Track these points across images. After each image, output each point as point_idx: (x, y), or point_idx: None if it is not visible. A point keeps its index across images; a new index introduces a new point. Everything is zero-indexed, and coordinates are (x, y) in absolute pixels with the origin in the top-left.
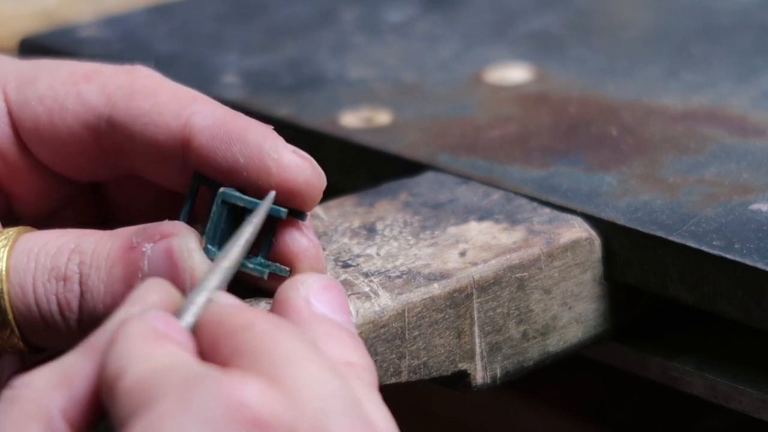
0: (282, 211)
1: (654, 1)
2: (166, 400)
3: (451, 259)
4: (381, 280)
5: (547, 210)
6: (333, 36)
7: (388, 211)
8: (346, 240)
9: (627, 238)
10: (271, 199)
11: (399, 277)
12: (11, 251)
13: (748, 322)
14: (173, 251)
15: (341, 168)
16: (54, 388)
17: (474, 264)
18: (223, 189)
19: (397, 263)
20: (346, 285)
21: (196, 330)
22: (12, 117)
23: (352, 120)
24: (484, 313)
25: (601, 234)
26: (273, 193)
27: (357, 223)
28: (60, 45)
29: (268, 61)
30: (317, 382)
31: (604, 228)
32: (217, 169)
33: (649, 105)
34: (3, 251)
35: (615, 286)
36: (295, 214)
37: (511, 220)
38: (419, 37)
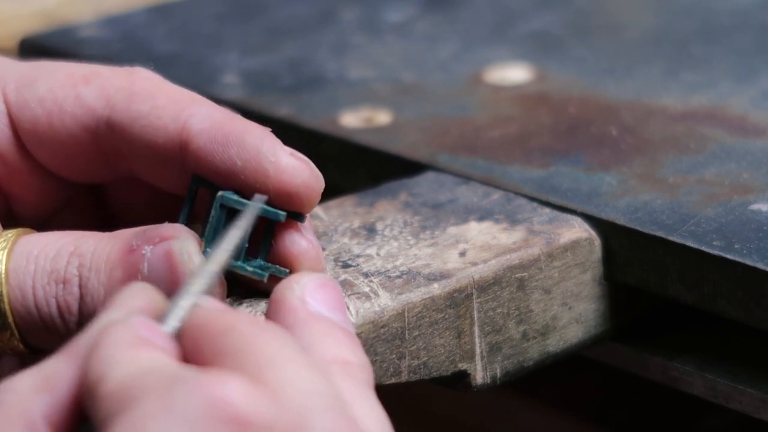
0: (281, 214)
1: (654, 1)
2: (147, 401)
3: (451, 259)
4: (381, 280)
5: (547, 210)
6: (333, 36)
7: (388, 211)
8: (346, 240)
9: (627, 238)
10: (261, 201)
11: (399, 277)
12: (10, 253)
13: (748, 322)
14: (173, 254)
15: (341, 168)
16: (36, 392)
17: (474, 264)
18: (221, 193)
19: (397, 263)
20: (346, 285)
21: (179, 335)
22: (11, 118)
23: (352, 120)
24: (484, 313)
25: (601, 234)
26: (263, 197)
27: (357, 223)
28: (60, 45)
29: (268, 61)
30: (300, 381)
31: (604, 228)
32: (215, 172)
33: (649, 105)
34: (2, 254)
35: (615, 286)
36: (294, 216)
37: (511, 220)
38: (419, 37)
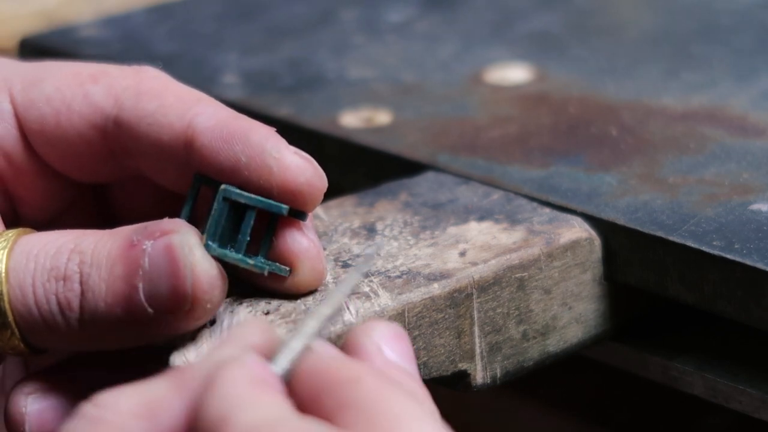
0: (283, 207)
1: (654, 1)
2: None
3: (451, 259)
4: (381, 280)
5: (547, 210)
6: (333, 36)
7: (388, 211)
8: (346, 240)
9: (627, 238)
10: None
11: (399, 277)
12: (11, 253)
13: (748, 322)
14: (173, 247)
15: (341, 168)
16: (138, 417)
17: (474, 264)
18: (225, 186)
19: (397, 263)
20: None
21: (292, 378)
22: (18, 119)
23: (352, 120)
24: (484, 313)
25: (601, 234)
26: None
27: (357, 223)
28: (60, 45)
29: (268, 61)
30: None
31: (604, 228)
32: (218, 169)
33: (649, 105)
34: (2, 253)
35: (615, 286)
36: (296, 215)
37: (511, 220)
38: (419, 37)
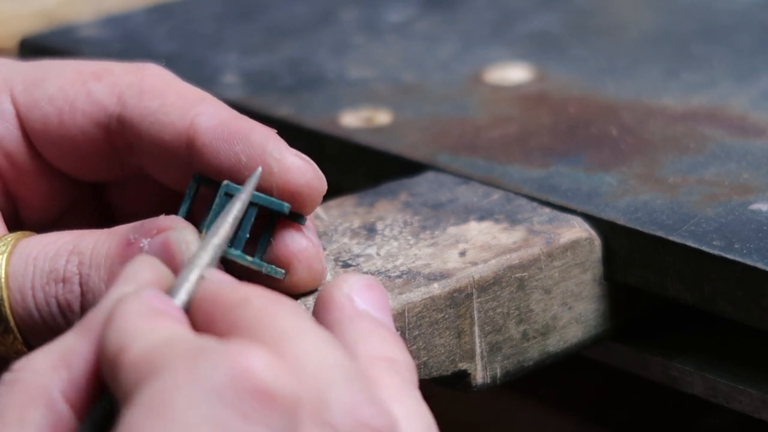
0: (285, 206)
1: (654, 1)
2: (172, 371)
3: (451, 259)
4: (381, 280)
5: (547, 210)
6: (333, 36)
7: (388, 211)
8: (346, 240)
9: (627, 238)
10: (257, 176)
11: (399, 277)
12: (10, 257)
13: (748, 322)
14: (171, 243)
15: (341, 168)
16: (53, 369)
17: (474, 264)
18: (227, 182)
19: (397, 263)
20: None
21: (189, 307)
22: (21, 119)
23: (352, 120)
24: (484, 313)
25: (601, 234)
26: (259, 169)
27: (357, 223)
28: (60, 45)
29: (268, 61)
30: (318, 353)
31: (604, 228)
32: (219, 168)
33: (649, 105)
34: (2, 258)
35: (615, 286)
36: (295, 218)
37: (511, 220)
38: (419, 37)
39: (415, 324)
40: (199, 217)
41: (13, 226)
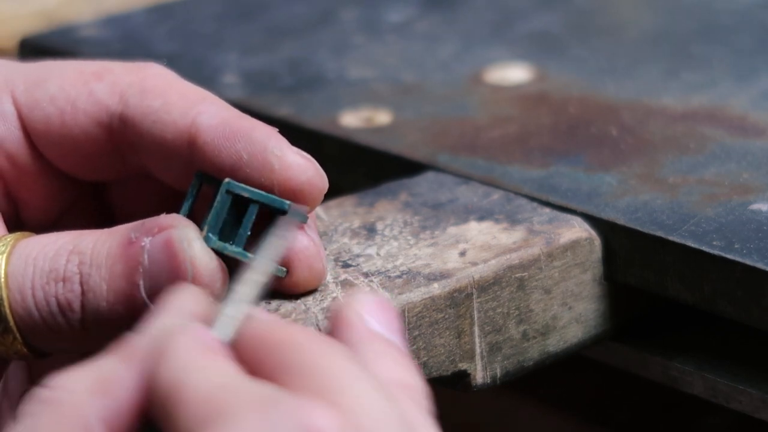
0: (286, 203)
1: (654, 1)
2: (242, 420)
3: (451, 259)
4: (381, 280)
5: (547, 210)
6: (333, 36)
7: (388, 211)
8: (346, 240)
9: (627, 238)
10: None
11: (399, 277)
12: (9, 257)
13: (748, 322)
14: (172, 242)
15: (341, 168)
16: (92, 394)
17: (474, 264)
18: (228, 179)
19: (397, 263)
20: (346, 285)
21: (234, 344)
22: (22, 120)
23: (352, 120)
24: (484, 313)
25: (601, 234)
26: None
27: (357, 223)
28: (60, 45)
29: (268, 61)
30: (374, 406)
31: (604, 228)
32: (220, 166)
33: (649, 105)
34: (1, 258)
35: (615, 286)
36: (296, 216)
37: (511, 220)
38: (419, 37)
39: (415, 324)
40: (202, 215)
41: (13, 227)
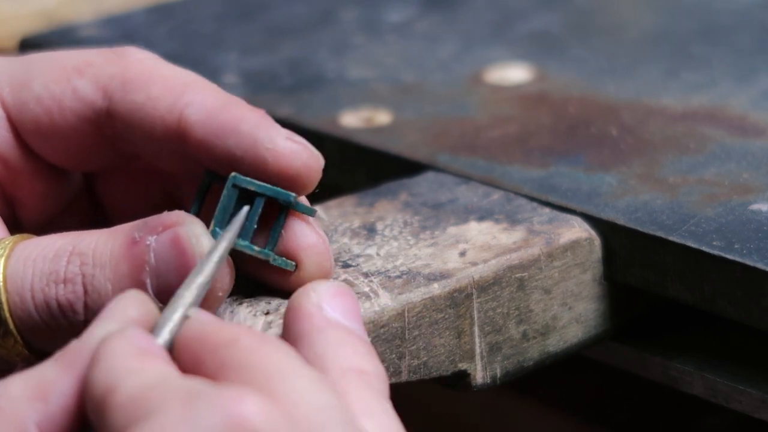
0: (291, 195)
1: (654, 1)
2: (165, 414)
3: (451, 259)
4: (381, 280)
5: (547, 210)
6: (333, 36)
7: (388, 211)
8: (346, 240)
9: (627, 238)
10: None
11: (399, 277)
12: (8, 260)
13: (748, 322)
14: (181, 239)
15: (341, 168)
16: (29, 399)
17: (474, 264)
18: (234, 173)
19: (397, 263)
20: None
21: (174, 346)
22: (11, 121)
23: (352, 120)
24: (484, 313)
25: (601, 234)
26: (244, 210)
27: (357, 223)
28: (60, 45)
29: (268, 61)
30: (311, 395)
31: (604, 228)
32: (217, 162)
33: (649, 105)
34: (0, 261)
35: (615, 286)
36: (305, 210)
37: (511, 220)
38: (419, 37)
39: (415, 324)
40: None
41: (12, 229)
